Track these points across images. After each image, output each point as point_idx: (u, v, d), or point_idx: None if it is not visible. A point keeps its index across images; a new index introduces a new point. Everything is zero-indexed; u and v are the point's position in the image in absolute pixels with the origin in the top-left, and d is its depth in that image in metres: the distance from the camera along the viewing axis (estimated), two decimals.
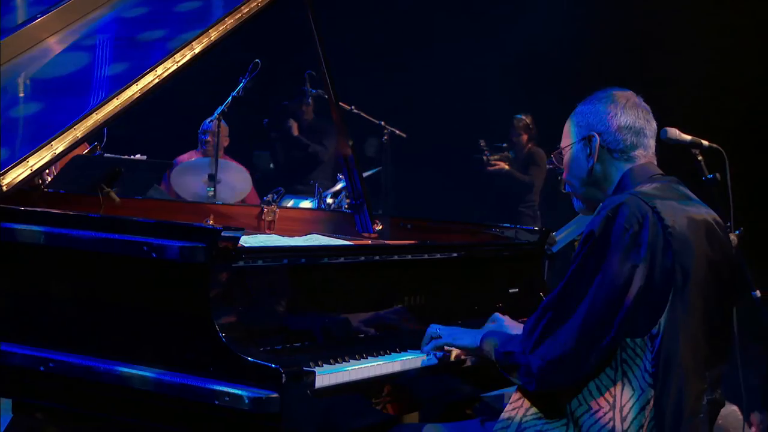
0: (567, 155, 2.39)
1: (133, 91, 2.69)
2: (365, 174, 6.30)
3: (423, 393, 2.58)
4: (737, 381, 3.35)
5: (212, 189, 5.65)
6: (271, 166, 8.26)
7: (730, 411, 4.39)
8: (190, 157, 6.65)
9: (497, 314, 2.63)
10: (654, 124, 2.37)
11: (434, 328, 2.54)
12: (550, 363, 2.14)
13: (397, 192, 6.89)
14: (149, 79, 2.71)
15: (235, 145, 6.80)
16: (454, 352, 2.53)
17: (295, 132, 7.60)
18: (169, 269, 2.18)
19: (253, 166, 7.76)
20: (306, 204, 5.81)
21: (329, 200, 5.79)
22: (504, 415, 2.29)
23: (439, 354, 2.51)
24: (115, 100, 2.66)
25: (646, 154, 2.34)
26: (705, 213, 2.27)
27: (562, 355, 2.12)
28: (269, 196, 5.73)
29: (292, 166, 7.58)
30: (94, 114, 2.61)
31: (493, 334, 2.40)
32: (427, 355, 2.50)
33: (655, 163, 2.35)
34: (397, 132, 6.74)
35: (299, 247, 2.63)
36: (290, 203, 5.88)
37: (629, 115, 2.32)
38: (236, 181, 5.98)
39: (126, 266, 2.23)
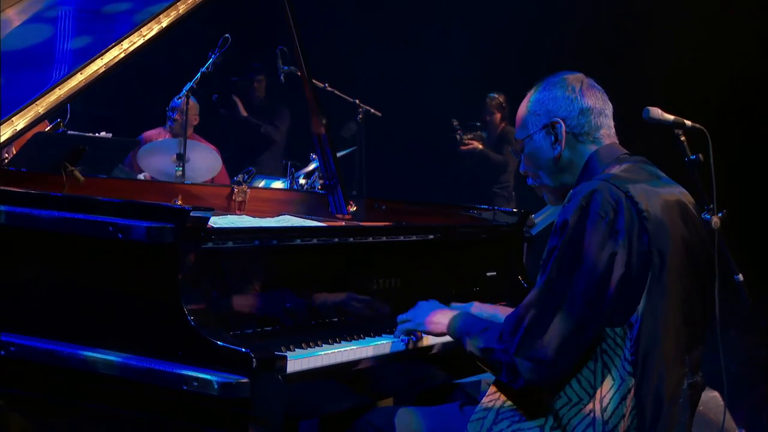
0: (528, 147, 2.39)
1: (98, 65, 2.67)
2: (339, 154, 6.33)
3: (398, 378, 2.60)
4: (718, 366, 3.40)
5: (180, 168, 5.62)
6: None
7: (711, 397, 4.44)
8: (158, 134, 6.61)
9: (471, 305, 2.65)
10: (610, 104, 2.39)
11: (403, 316, 2.55)
12: (538, 363, 2.15)
13: (371, 172, 6.89)
14: (115, 54, 2.69)
15: (205, 124, 6.77)
16: (426, 339, 2.54)
17: (243, 112, 7.53)
18: (136, 250, 2.18)
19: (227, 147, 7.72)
20: (278, 185, 5.80)
21: (302, 181, 5.78)
22: (481, 405, 2.31)
23: (413, 338, 2.53)
24: (78, 74, 2.64)
25: (609, 134, 2.37)
26: (677, 193, 2.30)
27: (550, 353, 2.13)
28: (239, 176, 5.72)
29: (240, 148, 7.50)
30: (56, 89, 2.59)
31: (464, 322, 2.40)
32: (399, 340, 2.51)
33: (618, 142, 2.37)
34: (372, 110, 6.73)
35: (271, 228, 2.63)
36: (261, 183, 5.87)
37: (589, 96, 2.34)
38: (205, 160, 5.95)
39: (91, 247, 2.22)
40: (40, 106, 2.56)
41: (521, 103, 2.42)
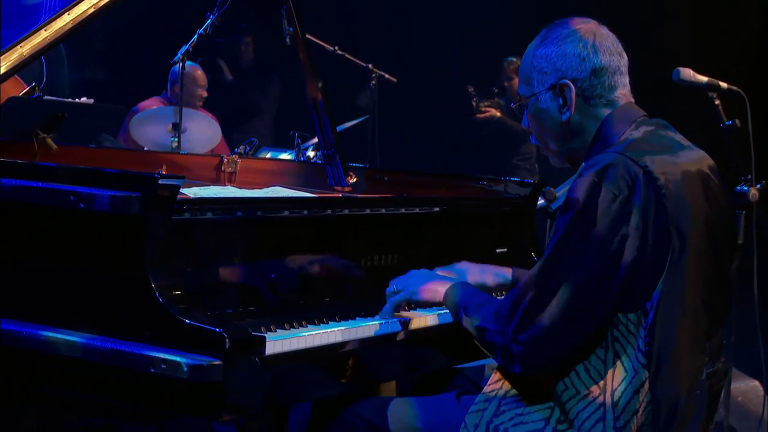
0: (533, 107, 2.33)
1: (87, 5, 2.65)
2: (350, 123, 6.31)
3: (392, 363, 2.57)
4: (758, 355, 3.35)
5: (176, 139, 5.62)
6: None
7: (751, 387, 4.40)
8: (153, 104, 6.61)
9: (460, 265, 2.62)
10: (626, 56, 2.32)
11: (392, 285, 2.52)
12: (533, 348, 2.12)
13: (384, 143, 6.86)
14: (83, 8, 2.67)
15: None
16: (421, 319, 2.50)
17: (228, 75, 7.47)
18: (100, 222, 2.16)
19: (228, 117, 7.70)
20: (285, 157, 5.79)
21: (310, 153, 5.76)
22: (481, 396, 2.28)
23: (394, 320, 2.48)
24: (66, 15, 2.62)
25: (625, 93, 2.30)
26: (698, 161, 2.24)
27: (546, 338, 2.11)
28: (241, 147, 5.69)
29: (224, 115, 7.47)
30: (42, 31, 2.57)
31: (462, 293, 2.38)
32: (387, 321, 2.48)
33: (633, 100, 2.31)
34: (387, 76, 6.69)
35: (255, 199, 2.61)
36: (267, 156, 5.85)
37: (603, 53, 2.27)
38: (204, 131, 5.95)
39: (50, 218, 2.21)
40: (25, 48, 2.54)
41: (526, 50, 2.36)
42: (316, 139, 5.90)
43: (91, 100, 4.33)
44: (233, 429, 3.62)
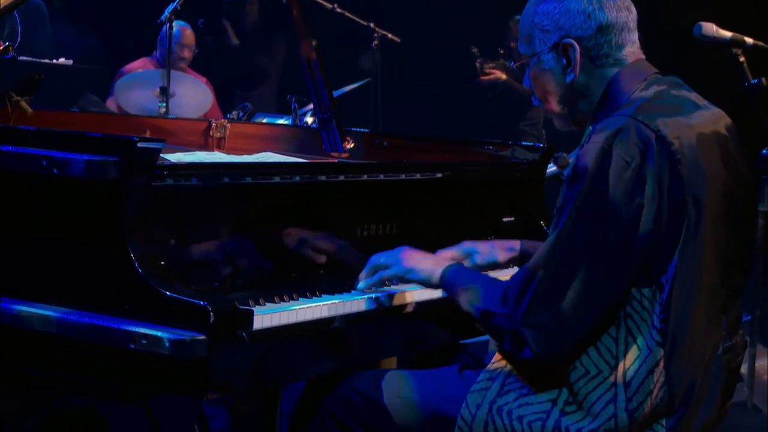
0: (535, 67, 2.31)
1: None
2: (351, 86, 6.29)
3: (390, 339, 2.56)
4: None
5: (164, 104, 5.61)
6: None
7: None
8: (142, 66, 6.59)
9: (465, 244, 2.61)
10: (634, 10, 2.29)
11: (378, 255, 2.50)
12: (547, 331, 2.10)
13: (387, 107, 6.84)
14: None
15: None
16: (408, 295, 2.50)
17: (234, 39, 7.44)
18: (75, 188, 2.16)
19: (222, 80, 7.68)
20: (281, 123, 5.78)
21: (308, 119, 5.75)
22: (484, 375, 2.28)
23: (390, 291, 2.47)
24: None
25: (634, 50, 2.28)
26: (714, 121, 2.22)
27: (562, 321, 2.09)
28: (234, 113, 5.68)
29: (229, 82, 7.44)
30: None
31: (460, 273, 2.36)
32: (369, 293, 2.45)
33: (644, 57, 2.29)
34: (390, 36, 6.65)
35: (243, 164, 2.60)
36: (263, 122, 5.84)
37: (609, 8, 2.24)
38: (194, 95, 5.94)
39: (22, 185, 2.20)
40: None
41: (526, 6, 2.33)
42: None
43: (70, 61, 4.31)
44: (224, 410, 3.65)
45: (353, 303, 2.41)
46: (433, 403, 2.33)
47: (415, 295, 2.53)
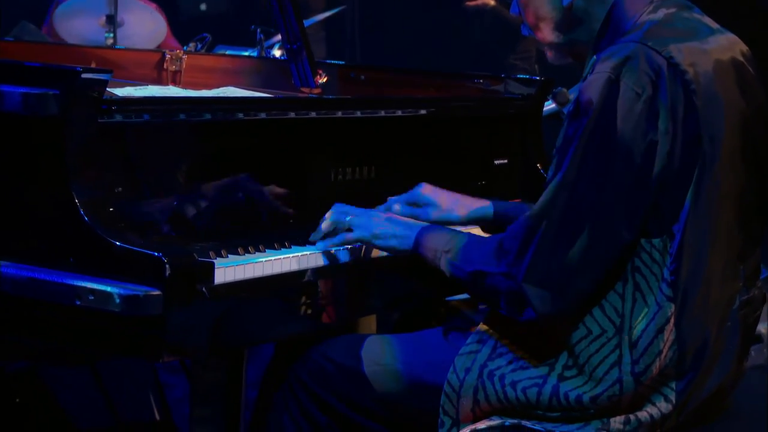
0: None
1: None
2: (326, 14, 6.26)
3: (369, 295, 2.59)
4: None
5: (111, 35, 5.56)
6: (203, 7, 8.14)
7: None
8: None
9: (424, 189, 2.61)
10: None
11: (342, 211, 2.47)
12: (554, 288, 2.10)
13: (365, 38, 6.82)
14: None
15: None
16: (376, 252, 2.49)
17: None
18: (10, 125, 2.14)
19: (176, 8, 7.64)
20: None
21: (275, 52, 5.73)
22: (474, 337, 2.29)
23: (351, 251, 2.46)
24: None
25: None
26: (730, 47, 2.22)
27: (569, 275, 2.09)
28: (191, 45, 5.65)
29: (187, 9, 7.41)
30: None
31: (437, 235, 2.35)
32: (330, 252, 2.43)
33: None
34: None
35: (202, 98, 2.59)
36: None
37: None
38: (145, 24, 5.90)
39: None
40: None
41: None
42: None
43: None
44: (183, 379, 3.67)
45: (326, 255, 2.42)
46: (418, 370, 2.35)
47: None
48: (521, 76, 3.34)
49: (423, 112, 2.99)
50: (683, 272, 2.11)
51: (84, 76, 2.10)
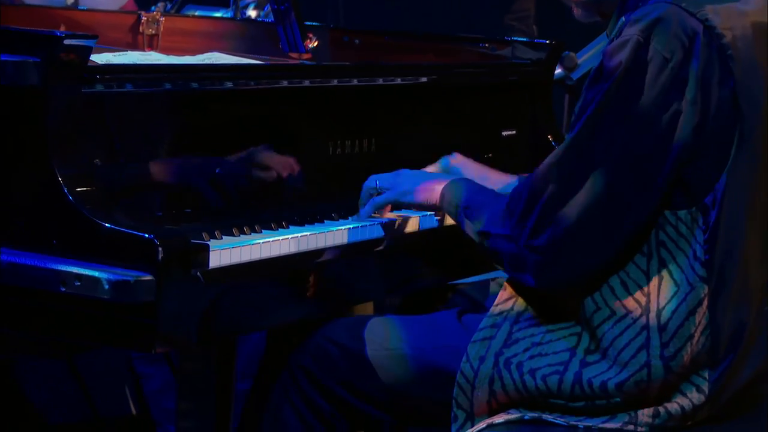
0: None
1: None
2: None
3: (369, 279, 2.60)
4: None
5: None
6: None
7: None
8: None
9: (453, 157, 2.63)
10: None
11: (371, 178, 2.53)
12: (555, 255, 2.12)
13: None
14: None
15: None
16: (411, 221, 2.52)
17: None
18: None
19: None
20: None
21: (251, 13, 5.71)
22: (487, 321, 2.30)
23: (371, 222, 2.50)
24: None
25: None
26: None
27: (572, 243, 2.11)
28: (159, 5, 5.63)
29: None
30: None
31: (466, 190, 2.38)
32: (365, 223, 2.49)
33: None
34: None
35: (188, 66, 2.59)
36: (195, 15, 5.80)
37: None
38: None
39: None
40: None
41: None
42: None
43: None
44: (162, 369, 3.67)
45: (326, 236, 2.42)
46: (428, 355, 2.36)
47: (400, 226, 2.56)
48: (529, 39, 3.34)
49: (424, 79, 2.99)
50: (718, 250, 2.13)
51: (66, 42, 2.09)
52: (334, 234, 2.43)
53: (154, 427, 3.59)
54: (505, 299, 2.31)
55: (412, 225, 2.59)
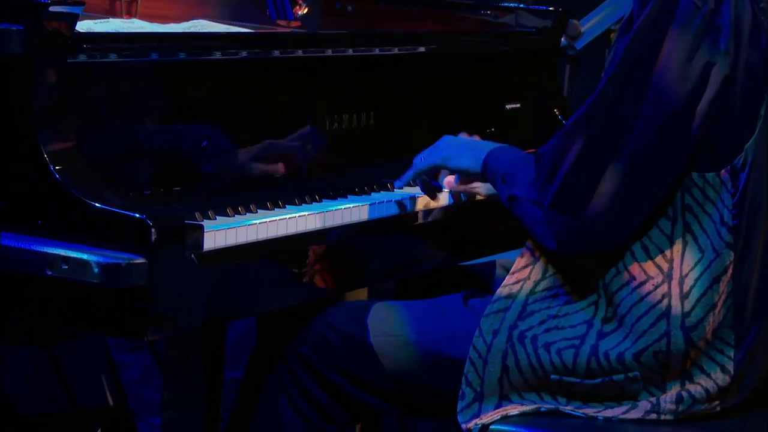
0: None
1: None
2: None
3: (371, 260, 2.59)
4: None
5: None
6: None
7: None
8: None
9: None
10: None
11: (419, 157, 2.58)
12: (580, 221, 2.12)
13: None
14: None
15: None
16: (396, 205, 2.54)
17: None
18: None
19: None
20: None
21: None
22: (502, 290, 2.29)
23: (376, 200, 2.52)
24: None
25: None
26: None
27: (600, 208, 2.11)
28: None
29: None
30: None
31: (503, 153, 2.41)
32: (347, 203, 2.50)
33: None
34: None
35: (175, 35, 2.58)
36: None
37: None
38: None
39: None
40: None
41: None
42: None
43: None
44: (141, 357, 3.66)
45: (326, 216, 2.43)
46: (434, 340, 2.37)
47: (404, 205, 2.58)
48: (534, 7, 3.33)
49: (422, 49, 2.99)
50: (744, 214, 2.14)
51: (52, 9, 2.08)
52: (335, 213, 2.44)
53: (132, 417, 3.58)
54: (522, 267, 2.30)
55: (420, 204, 2.62)
